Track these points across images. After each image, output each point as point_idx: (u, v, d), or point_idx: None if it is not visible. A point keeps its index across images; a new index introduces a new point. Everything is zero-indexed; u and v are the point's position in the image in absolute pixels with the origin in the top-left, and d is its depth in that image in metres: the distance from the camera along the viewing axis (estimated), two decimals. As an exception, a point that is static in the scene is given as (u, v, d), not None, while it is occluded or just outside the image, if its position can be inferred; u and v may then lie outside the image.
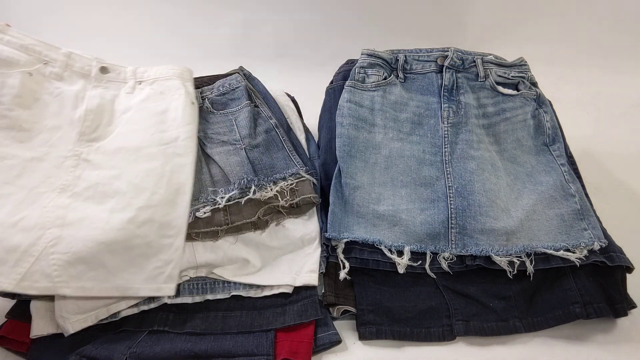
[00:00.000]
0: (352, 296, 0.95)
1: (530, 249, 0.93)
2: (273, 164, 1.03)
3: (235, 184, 0.96)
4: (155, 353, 0.84)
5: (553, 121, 1.11)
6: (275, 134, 1.08)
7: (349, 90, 1.10)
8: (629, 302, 0.89)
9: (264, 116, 1.12)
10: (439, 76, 1.12)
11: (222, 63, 1.36)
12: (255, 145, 1.04)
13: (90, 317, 0.87)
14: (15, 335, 0.87)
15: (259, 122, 1.10)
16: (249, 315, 0.91)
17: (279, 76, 1.48)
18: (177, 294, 0.93)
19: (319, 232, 0.99)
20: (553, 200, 1.00)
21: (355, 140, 1.05)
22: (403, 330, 0.90)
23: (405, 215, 0.98)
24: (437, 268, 0.95)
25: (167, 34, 1.83)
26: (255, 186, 0.96)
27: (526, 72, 1.15)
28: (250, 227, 0.99)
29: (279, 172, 1.01)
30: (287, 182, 0.99)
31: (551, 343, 0.89)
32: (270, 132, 1.09)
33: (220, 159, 1.02)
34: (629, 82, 1.67)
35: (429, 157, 1.06)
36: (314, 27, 1.80)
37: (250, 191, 0.96)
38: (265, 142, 1.06)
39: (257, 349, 0.85)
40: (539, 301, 0.93)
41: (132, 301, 0.90)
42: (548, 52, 1.73)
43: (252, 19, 1.81)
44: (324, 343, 0.87)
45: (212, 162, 1.03)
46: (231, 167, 1.00)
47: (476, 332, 0.90)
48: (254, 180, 0.97)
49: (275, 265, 0.96)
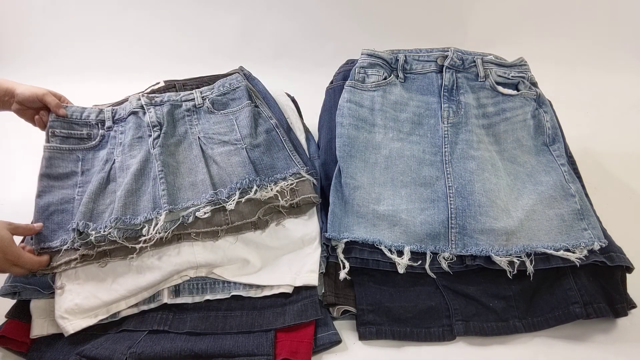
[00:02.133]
0: (352, 296, 0.95)
1: (530, 249, 0.93)
2: (274, 164, 1.03)
3: (237, 184, 0.96)
4: (156, 353, 0.84)
5: (553, 121, 1.11)
6: (275, 133, 1.09)
7: (349, 90, 1.10)
8: (629, 302, 0.89)
9: (265, 116, 1.12)
10: (439, 76, 1.12)
11: (222, 63, 1.37)
12: (256, 145, 1.05)
13: (90, 317, 0.87)
14: (15, 335, 0.87)
15: (259, 122, 1.10)
16: (249, 315, 0.91)
17: (279, 76, 1.47)
18: (177, 294, 0.93)
19: (319, 232, 0.99)
20: (553, 200, 1.00)
21: (355, 140, 1.05)
22: (403, 330, 0.90)
23: (405, 215, 0.98)
24: (437, 268, 0.95)
25: (168, 34, 1.83)
26: (257, 186, 0.96)
27: (526, 72, 1.15)
28: (250, 227, 0.99)
29: (280, 172, 1.01)
30: (287, 182, 0.99)
31: (551, 343, 0.89)
32: (271, 132, 1.09)
33: (221, 160, 1.02)
34: (629, 82, 1.67)
35: (429, 157, 1.06)
36: (314, 27, 1.81)
37: (251, 191, 0.96)
38: (266, 142, 1.06)
39: (257, 349, 0.84)
40: (539, 301, 0.93)
41: (132, 301, 0.90)
42: (548, 52, 1.73)
43: (253, 19, 1.81)
44: (324, 343, 0.87)
45: (212, 163, 1.03)
46: (232, 167, 1.00)
47: (476, 332, 0.90)
48: (255, 180, 0.97)
49: (275, 265, 0.96)
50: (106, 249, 0.90)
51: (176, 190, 0.97)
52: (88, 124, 1.10)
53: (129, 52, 1.82)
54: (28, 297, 0.90)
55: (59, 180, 1.02)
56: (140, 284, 0.90)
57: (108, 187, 1.00)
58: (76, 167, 1.05)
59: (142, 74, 1.52)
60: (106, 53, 1.83)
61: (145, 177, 0.99)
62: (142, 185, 0.98)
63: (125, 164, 1.02)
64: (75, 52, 1.82)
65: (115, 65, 1.79)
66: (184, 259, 0.93)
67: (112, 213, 0.92)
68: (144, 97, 1.11)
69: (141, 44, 1.83)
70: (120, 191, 0.95)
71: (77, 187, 1.02)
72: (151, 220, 0.91)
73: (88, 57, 1.82)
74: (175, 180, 0.99)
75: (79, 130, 1.09)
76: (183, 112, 1.12)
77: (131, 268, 0.92)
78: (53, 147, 1.05)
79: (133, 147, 1.05)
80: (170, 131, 1.07)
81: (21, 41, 1.85)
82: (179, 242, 0.95)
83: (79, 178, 1.03)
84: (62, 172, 1.03)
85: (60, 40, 1.83)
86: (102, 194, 0.98)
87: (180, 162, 1.03)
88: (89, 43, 1.83)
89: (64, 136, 1.07)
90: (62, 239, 0.93)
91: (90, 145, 1.08)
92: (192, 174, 1.00)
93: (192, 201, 0.95)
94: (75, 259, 0.89)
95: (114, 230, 0.89)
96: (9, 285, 0.89)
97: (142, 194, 0.96)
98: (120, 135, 1.09)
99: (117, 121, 1.12)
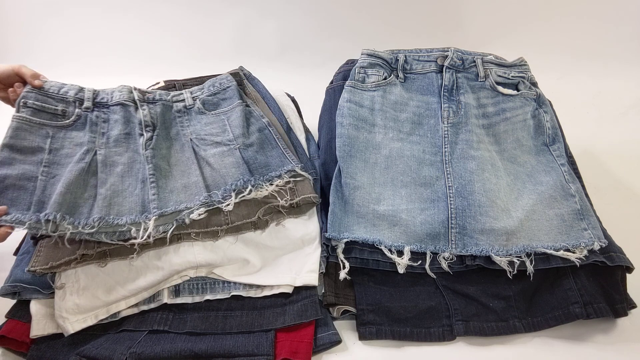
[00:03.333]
0: (352, 296, 0.95)
1: (530, 249, 0.93)
2: (268, 162, 1.02)
3: (232, 186, 0.96)
4: (156, 353, 0.84)
5: (553, 121, 1.11)
6: (268, 132, 1.08)
7: (349, 90, 1.10)
8: (629, 302, 0.89)
9: (257, 115, 1.11)
10: (439, 76, 1.12)
11: (222, 63, 1.36)
12: (249, 144, 1.04)
13: (90, 317, 0.87)
14: (15, 335, 0.87)
15: (251, 121, 1.09)
16: (249, 315, 0.91)
17: (279, 76, 1.47)
18: (177, 294, 0.93)
19: (319, 232, 0.99)
20: (553, 200, 1.00)
21: (355, 140, 1.05)
22: (403, 330, 0.90)
23: (405, 215, 0.98)
24: (437, 268, 0.95)
25: (168, 35, 1.83)
26: (252, 186, 0.96)
27: (526, 72, 1.15)
28: (250, 227, 0.99)
29: (275, 169, 1.01)
30: (283, 180, 0.99)
31: (551, 343, 0.89)
32: (264, 131, 1.08)
33: (215, 161, 1.01)
34: (629, 83, 1.67)
35: (429, 157, 1.06)
36: (314, 27, 1.81)
37: (246, 191, 0.96)
38: (259, 141, 1.06)
39: (257, 349, 0.85)
40: (538, 301, 0.93)
41: (132, 301, 0.91)
42: (548, 52, 1.73)
43: (253, 19, 1.81)
44: (324, 343, 0.87)
45: (205, 165, 1.02)
46: (227, 168, 0.99)
47: (476, 332, 0.90)
48: (250, 181, 0.97)
49: (275, 265, 0.96)
50: (106, 249, 0.90)
51: (168, 193, 0.96)
52: (65, 100, 1.02)
53: (129, 52, 1.82)
54: (28, 297, 0.90)
55: (23, 153, 0.93)
56: (140, 284, 0.90)
57: (89, 180, 0.94)
58: (44, 144, 0.96)
59: (142, 74, 1.52)
60: (106, 53, 1.83)
61: (133, 178, 0.97)
62: (129, 186, 0.95)
63: (110, 160, 0.98)
64: (76, 52, 1.82)
65: (116, 66, 1.79)
66: (184, 259, 0.93)
67: (91, 209, 0.89)
68: (136, 90, 1.08)
69: (141, 45, 1.82)
70: (105, 190, 0.93)
71: (41, 166, 0.93)
72: (139, 224, 0.90)
73: (88, 59, 1.81)
74: (167, 184, 0.97)
75: (54, 105, 1.01)
76: (174, 114, 1.10)
77: (131, 268, 0.92)
78: (23, 117, 0.96)
79: (119, 143, 1.01)
80: (163, 133, 1.05)
81: (21, 43, 1.85)
82: (179, 242, 0.95)
83: (45, 156, 0.95)
84: (28, 145, 0.94)
85: (61, 41, 1.83)
86: (81, 187, 0.92)
87: (172, 165, 1.02)
88: (90, 44, 1.83)
89: (37, 109, 0.98)
90: (15, 217, 0.85)
91: (64, 124, 1.00)
92: (185, 176, 0.99)
93: (185, 204, 0.93)
94: (75, 259, 0.89)
95: (97, 230, 0.87)
96: (9, 285, 0.89)
97: (128, 195, 0.94)
98: (104, 124, 1.03)
99: (99, 105, 1.05)
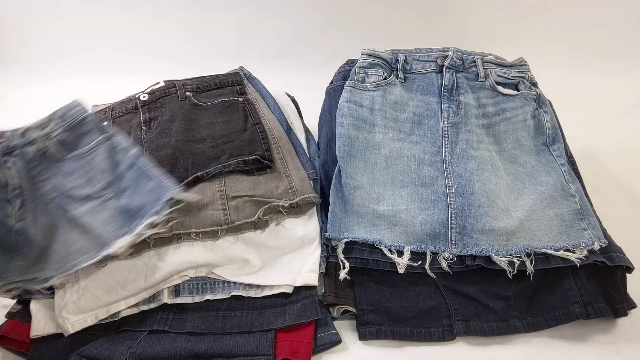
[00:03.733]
0: (352, 296, 0.95)
1: (530, 249, 0.93)
2: (144, 202, 0.89)
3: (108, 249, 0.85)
4: (156, 353, 0.84)
5: (553, 121, 1.11)
6: (140, 164, 0.94)
7: (349, 90, 1.10)
8: (629, 302, 0.89)
9: (123, 147, 0.97)
10: (439, 76, 1.13)
11: (222, 63, 1.37)
12: (124, 189, 0.92)
13: (90, 317, 0.87)
14: (15, 335, 0.87)
15: (119, 159, 0.96)
16: (249, 315, 0.91)
17: (279, 76, 1.47)
18: (177, 294, 0.93)
19: (319, 232, 0.99)
20: (553, 200, 1.00)
21: (355, 140, 1.05)
22: (403, 330, 0.90)
23: (405, 215, 0.98)
24: (437, 268, 0.95)
25: (168, 34, 1.83)
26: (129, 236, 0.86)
27: (526, 72, 1.15)
28: (250, 227, 0.99)
29: (150, 209, 0.87)
30: (162, 215, 0.88)
31: (551, 343, 0.89)
32: (134, 166, 0.94)
33: (87, 220, 0.90)
34: (629, 83, 1.67)
35: (429, 157, 1.06)
36: (314, 27, 1.81)
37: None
38: (132, 181, 0.93)
39: (257, 349, 0.85)
40: (538, 301, 0.93)
41: (132, 301, 0.90)
42: (548, 52, 1.73)
43: (253, 19, 1.81)
44: (324, 343, 0.87)
45: (75, 227, 0.89)
46: (103, 226, 0.89)
47: (476, 332, 0.90)
48: (128, 233, 0.86)
49: (275, 265, 0.96)
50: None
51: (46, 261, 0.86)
52: None
53: (130, 52, 1.82)
54: (28, 297, 0.90)
55: None
56: (140, 284, 0.90)
57: None
58: None
59: (142, 74, 1.51)
60: (107, 53, 1.83)
61: (8, 251, 0.88)
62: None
63: None
64: (76, 52, 1.82)
65: (116, 66, 1.79)
66: (184, 259, 0.93)
67: None
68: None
69: (141, 44, 1.83)
70: None
71: None
72: None
73: (88, 58, 1.81)
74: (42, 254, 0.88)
75: None
76: (31, 165, 0.96)
77: (131, 268, 0.92)
78: None
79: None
80: (30, 196, 0.93)
81: (21, 43, 1.85)
82: (179, 242, 0.95)
83: None
84: None
85: (61, 41, 1.83)
86: None
87: (45, 235, 0.90)
88: (90, 44, 1.83)
89: None
90: None
91: None
92: (58, 249, 0.88)
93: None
94: (75, 259, 0.89)
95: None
96: (9, 285, 0.88)
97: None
98: None
99: None
